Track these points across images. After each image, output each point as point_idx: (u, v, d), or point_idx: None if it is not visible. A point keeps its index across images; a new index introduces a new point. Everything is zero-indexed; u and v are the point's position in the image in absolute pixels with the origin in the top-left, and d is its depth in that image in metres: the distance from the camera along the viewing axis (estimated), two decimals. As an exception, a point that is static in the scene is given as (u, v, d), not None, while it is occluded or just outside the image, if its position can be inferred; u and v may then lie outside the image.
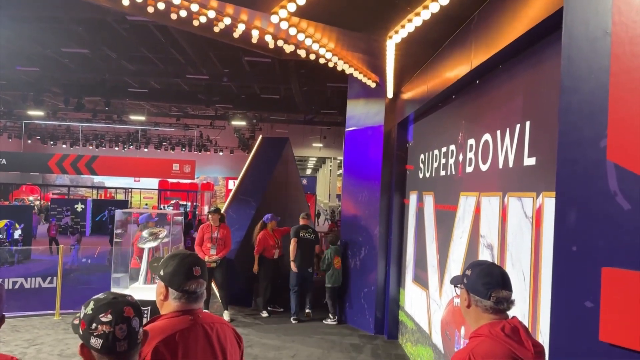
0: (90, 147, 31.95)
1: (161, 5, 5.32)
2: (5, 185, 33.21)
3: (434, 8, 3.98)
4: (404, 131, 7.16)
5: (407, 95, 6.78)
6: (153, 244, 5.20)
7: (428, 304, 5.55)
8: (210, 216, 7.62)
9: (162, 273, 2.04)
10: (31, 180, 35.50)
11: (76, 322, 1.58)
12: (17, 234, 16.37)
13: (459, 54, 4.47)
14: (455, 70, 4.54)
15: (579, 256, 1.37)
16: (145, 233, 5.44)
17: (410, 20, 4.38)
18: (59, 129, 31.29)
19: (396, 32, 4.70)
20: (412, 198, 6.64)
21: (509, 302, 1.94)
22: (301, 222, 8.01)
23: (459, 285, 2.10)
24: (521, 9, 3.19)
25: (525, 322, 3.18)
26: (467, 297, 1.99)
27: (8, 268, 10.05)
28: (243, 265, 8.09)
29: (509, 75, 3.71)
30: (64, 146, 32.24)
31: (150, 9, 5.41)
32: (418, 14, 4.21)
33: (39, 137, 32.84)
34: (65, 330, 6.89)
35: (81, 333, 1.54)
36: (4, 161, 23.42)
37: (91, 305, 1.55)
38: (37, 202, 32.79)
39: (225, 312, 7.64)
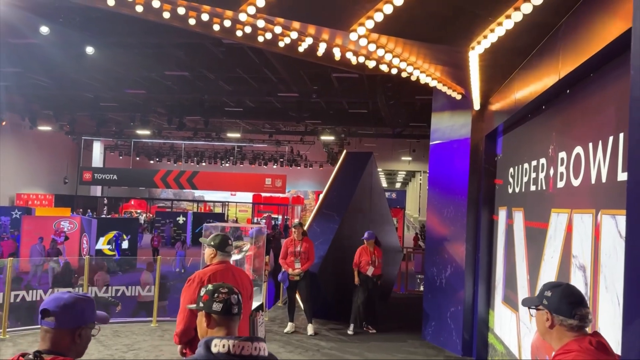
0: (192, 163, 34.01)
1: (248, 29, 5.58)
2: (116, 199, 36.25)
3: (517, 17, 3.81)
4: (492, 144, 6.87)
5: (494, 106, 6.51)
6: (237, 257, 5.40)
7: (518, 327, 5.24)
8: (294, 230, 7.79)
9: (212, 243, 3.83)
10: (139, 194, 38.44)
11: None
12: (124, 244, 17.78)
13: (547, 62, 4.23)
14: (544, 79, 4.30)
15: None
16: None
17: (492, 30, 4.23)
18: (163, 147, 33.69)
19: (478, 42, 4.55)
20: (501, 214, 6.33)
21: (589, 320, 2.05)
22: None
23: (535, 307, 2.17)
24: (611, 14, 2.97)
25: (619, 350, 2.90)
26: (551, 318, 2.07)
27: (114, 277, 10.92)
28: (327, 279, 8.15)
29: (600, 84, 3.45)
30: (168, 162, 34.63)
31: (239, 33, 5.69)
32: (500, 24, 4.05)
33: (145, 155, 35.56)
34: (160, 337, 7.33)
35: (202, 305, 2.13)
36: (115, 177, 25.59)
37: (209, 286, 2.20)
38: (144, 215, 35.38)
39: (310, 325, 7.71)
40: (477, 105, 6.95)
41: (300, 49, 5.96)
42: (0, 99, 16.99)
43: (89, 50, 11.30)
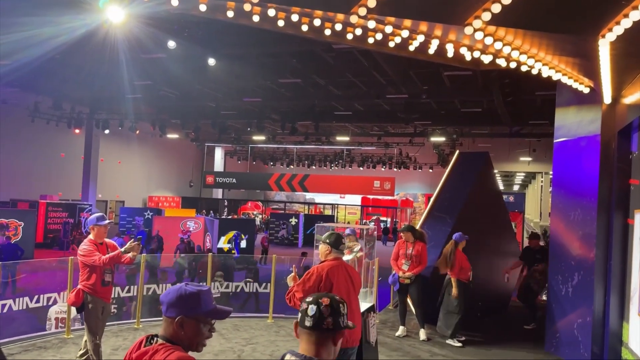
0: (303, 167, 35.03)
1: (358, 31, 5.61)
2: (235, 202, 38.40)
3: (657, -3, 3.43)
4: (626, 140, 6.23)
5: (628, 99, 5.91)
6: (348, 257, 5.43)
7: (660, 343, 4.69)
8: (402, 235, 7.64)
9: (328, 241, 4.27)
10: (255, 196, 40.39)
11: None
12: (243, 244, 18.76)
13: (694, 46, 3.75)
14: (690, 65, 3.82)
15: None
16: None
17: (626, 15, 3.84)
18: (277, 151, 35.06)
19: (610, 29, 4.15)
20: (638, 218, 5.72)
21: None
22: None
23: None
24: None
25: None
26: None
27: (234, 274, 11.57)
28: (439, 283, 7.90)
29: None
30: (281, 166, 36.02)
31: (349, 36, 5.74)
32: (636, 7, 3.67)
33: (261, 159, 37.30)
34: (276, 333, 7.61)
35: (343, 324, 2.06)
36: (234, 180, 27.14)
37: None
38: (260, 216, 37.13)
39: (422, 330, 7.53)
40: (607, 99, 6.36)
41: (411, 47, 5.86)
42: (132, 110, 18.72)
43: (211, 62, 12.07)
